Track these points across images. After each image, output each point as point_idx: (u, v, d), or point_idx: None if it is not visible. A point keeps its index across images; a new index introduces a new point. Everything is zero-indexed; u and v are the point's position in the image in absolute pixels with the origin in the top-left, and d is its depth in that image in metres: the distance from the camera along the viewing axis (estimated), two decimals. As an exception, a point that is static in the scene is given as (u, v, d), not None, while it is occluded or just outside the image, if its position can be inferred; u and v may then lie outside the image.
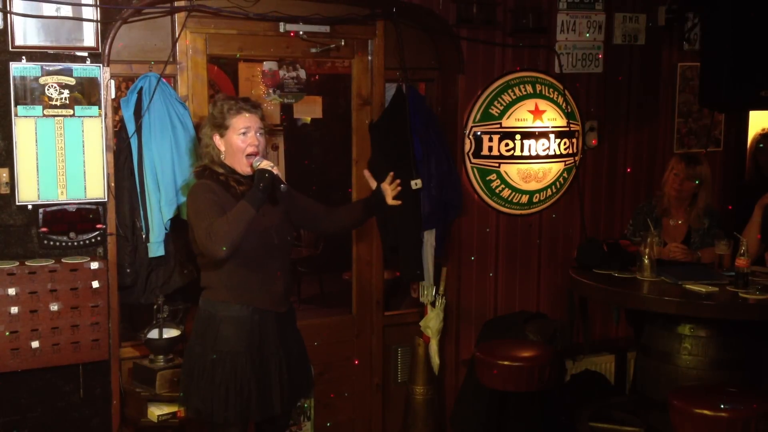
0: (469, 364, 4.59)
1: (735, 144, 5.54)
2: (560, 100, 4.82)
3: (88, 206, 3.70)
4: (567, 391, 4.68)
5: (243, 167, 3.21)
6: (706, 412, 3.34)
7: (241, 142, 3.19)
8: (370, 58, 4.46)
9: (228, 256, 3.02)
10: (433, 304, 4.63)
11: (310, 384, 3.51)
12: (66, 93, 3.62)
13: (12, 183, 3.57)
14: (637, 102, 5.14)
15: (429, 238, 4.52)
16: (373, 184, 3.51)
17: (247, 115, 3.21)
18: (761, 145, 5.61)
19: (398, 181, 3.51)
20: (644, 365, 4.15)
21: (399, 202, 3.54)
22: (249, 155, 3.20)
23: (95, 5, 3.63)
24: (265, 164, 3.13)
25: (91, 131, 3.68)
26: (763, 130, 5.91)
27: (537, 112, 4.76)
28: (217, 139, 3.23)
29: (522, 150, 4.73)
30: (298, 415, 4.23)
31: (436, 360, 4.61)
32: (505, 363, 3.97)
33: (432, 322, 4.59)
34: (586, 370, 4.85)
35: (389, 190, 3.47)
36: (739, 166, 5.63)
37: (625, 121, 5.12)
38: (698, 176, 4.41)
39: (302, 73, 4.57)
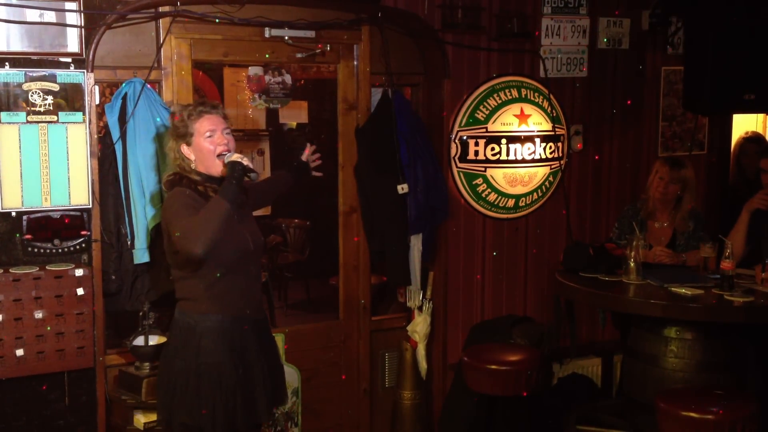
0: (456, 368, 4.59)
1: (719, 147, 5.58)
2: (545, 104, 4.84)
3: (72, 213, 3.68)
4: (554, 394, 4.69)
5: (218, 169, 3.13)
6: (693, 414, 3.35)
7: (210, 144, 3.11)
8: (355, 63, 4.46)
9: (205, 255, 2.92)
10: (420, 308, 4.63)
11: (286, 392, 3.47)
12: (50, 99, 3.60)
13: (-5, 190, 3.54)
14: (622, 106, 5.16)
15: (416, 243, 4.52)
16: (305, 157, 3.84)
17: (208, 116, 3.14)
18: (751, 151, 5.64)
19: (318, 155, 3.87)
20: (631, 368, 4.16)
21: (320, 174, 3.95)
22: (220, 155, 3.12)
23: (79, 11, 3.61)
24: (235, 157, 3.07)
25: (75, 137, 3.66)
26: (747, 133, 5.95)
27: (522, 117, 4.77)
28: (185, 149, 3.14)
29: (508, 154, 4.74)
30: (285, 420, 4.22)
31: (423, 365, 4.61)
32: (493, 367, 3.97)
33: (419, 327, 4.58)
34: (573, 374, 4.87)
35: (310, 162, 3.84)
36: (724, 169, 5.67)
37: (610, 125, 5.14)
38: (682, 179, 4.43)
39: (288, 78, 4.56)
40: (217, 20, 3.96)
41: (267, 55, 4.22)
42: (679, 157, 4.80)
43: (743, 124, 6.00)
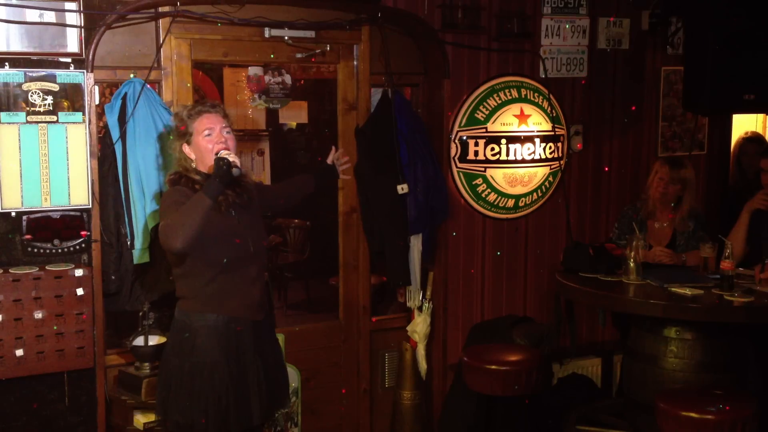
0: (456, 368, 4.59)
1: (719, 147, 5.58)
2: (545, 104, 4.84)
3: (72, 213, 3.68)
4: (554, 394, 4.69)
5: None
6: (692, 414, 3.35)
7: (208, 143, 3.14)
8: (355, 63, 4.46)
9: (185, 249, 2.94)
10: (420, 308, 4.63)
11: (287, 395, 3.46)
12: (50, 99, 3.60)
13: (-5, 190, 3.54)
14: (622, 106, 5.16)
15: (416, 243, 4.52)
16: (330, 160, 3.84)
17: (207, 115, 3.17)
18: (752, 151, 5.62)
19: (347, 158, 3.92)
20: (631, 368, 4.16)
21: (349, 177, 4.08)
22: (217, 153, 3.12)
23: (79, 11, 3.61)
24: (223, 153, 3.09)
25: (75, 137, 3.66)
26: (746, 133, 5.95)
27: (522, 117, 4.77)
28: (186, 148, 3.18)
29: (508, 154, 4.74)
30: (285, 420, 4.22)
31: (423, 365, 4.61)
32: (493, 367, 3.97)
33: (419, 327, 4.58)
34: (572, 374, 4.86)
35: (338, 165, 3.85)
36: (723, 170, 5.67)
37: (610, 125, 5.14)
38: (682, 180, 4.43)
39: (288, 78, 4.56)
40: (219, 24, 3.97)
41: (272, 56, 4.23)
42: (679, 158, 4.80)
43: (743, 124, 6.00)
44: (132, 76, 3.81)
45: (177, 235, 2.91)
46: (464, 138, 4.67)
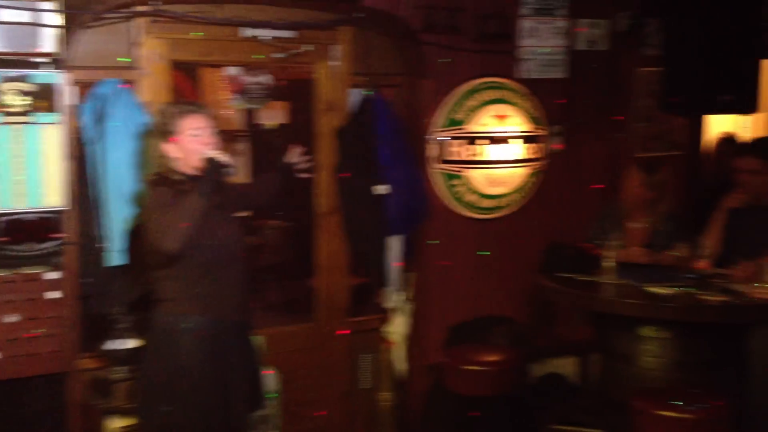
0: (436, 369, 4.59)
1: (695, 147, 5.62)
2: (524, 105, 4.85)
3: (47, 215, 3.63)
4: (532, 394, 4.71)
5: (200, 167, 3.11)
6: (667, 413, 3.37)
7: (197, 143, 3.10)
8: (335, 63, 4.45)
9: (179, 251, 2.94)
10: (398, 309, 4.62)
11: (263, 396, 3.47)
12: (25, 100, 3.55)
13: (-31, 191, 3.50)
14: (601, 107, 5.18)
15: (395, 244, 4.52)
16: (288, 158, 3.72)
17: (194, 116, 3.14)
18: (731, 151, 5.66)
19: (308, 157, 3.72)
20: (607, 367, 4.19)
21: (309, 175, 3.89)
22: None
23: (56, 11, 3.57)
24: (213, 153, 3.07)
25: (50, 138, 3.62)
26: (724, 134, 6.00)
27: (501, 118, 4.78)
28: (168, 147, 3.12)
29: (487, 155, 4.75)
30: (262, 423, 4.20)
31: (401, 366, 4.61)
32: (472, 368, 3.98)
33: (397, 328, 4.59)
34: (550, 373, 4.88)
35: (298, 164, 3.72)
36: (700, 170, 5.71)
37: (589, 126, 5.16)
38: (658, 183, 4.45)
39: (267, 79, 4.54)
40: (199, 33, 3.94)
41: (255, 56, 4.20)
42: (654, 162, 4.80)
43: (721, 125, 6.05)
44: (107, 77, 3.77)
45: (173, 236, 2.90)
46: (443, 139, 4.68)
